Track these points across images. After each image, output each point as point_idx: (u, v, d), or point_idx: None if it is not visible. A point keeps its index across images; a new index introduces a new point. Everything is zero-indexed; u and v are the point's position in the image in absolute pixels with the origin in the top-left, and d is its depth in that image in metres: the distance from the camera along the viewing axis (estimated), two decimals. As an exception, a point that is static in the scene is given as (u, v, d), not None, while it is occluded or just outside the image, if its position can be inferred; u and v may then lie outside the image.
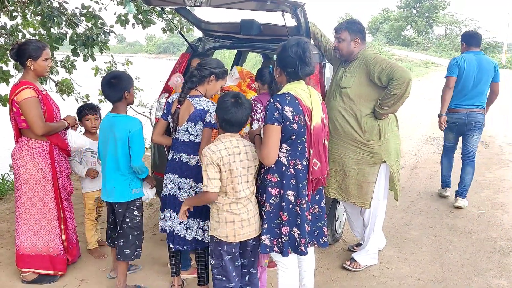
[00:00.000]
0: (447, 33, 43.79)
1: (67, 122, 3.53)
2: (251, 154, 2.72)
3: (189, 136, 3.03)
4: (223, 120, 2.66)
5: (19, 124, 3.34)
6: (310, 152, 2.72)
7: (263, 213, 2.77)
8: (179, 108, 3.03)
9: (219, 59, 3.25)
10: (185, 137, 3.04)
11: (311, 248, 2.95)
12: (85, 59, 5.87)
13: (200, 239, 3.09)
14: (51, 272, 3.48)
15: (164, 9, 5.23)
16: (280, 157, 2.71)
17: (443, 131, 5.49)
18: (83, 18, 5.83)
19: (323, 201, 2.95)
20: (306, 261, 3.03)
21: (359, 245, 4.09)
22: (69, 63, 5.88)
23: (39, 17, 5.80)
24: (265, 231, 2.75)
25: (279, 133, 2.65)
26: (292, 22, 3.72)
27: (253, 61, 19.55)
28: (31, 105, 3.22)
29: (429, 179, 6.51)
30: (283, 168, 2.71)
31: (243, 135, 3.69)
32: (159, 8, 5.82)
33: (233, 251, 2.75)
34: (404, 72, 3.29)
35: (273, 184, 2.73)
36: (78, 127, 3.88)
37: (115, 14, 6.24)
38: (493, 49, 33.90)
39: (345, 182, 3.59)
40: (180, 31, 5.59)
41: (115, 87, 3.12)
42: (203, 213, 3.03)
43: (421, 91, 15.71)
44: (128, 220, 3.25)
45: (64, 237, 3.54)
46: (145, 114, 8.03)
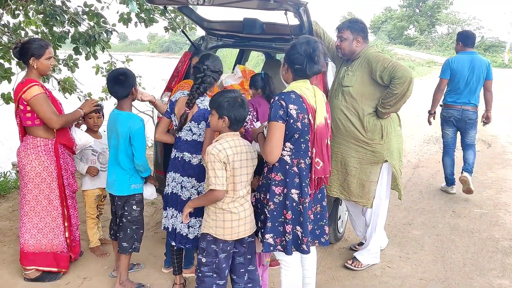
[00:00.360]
0: (449, 32, 43.68)
1: (82, 110, 3.51)
2: (250, 154, 2.73)
3: (192, 136, 3.04)
4: (234, 120, 2.65)
5: (24, 122, 3.35)
6: (313, 151, 2.72)
7: (266, 212, 2.77)
8: (188, 111, 3.00)
9: (218, 58, 3.23)
10: (188, 136, 3.05)
11: (313, 247, 2.95)
12: (87, 58, 5.88)
13: None
14: (55, 269, 3.49)
15: (166, 7, 5.23)
16: (284, 156, 2.72)
17: (441, 129, 5.79)
18: (85, 16, 5.84)
19: (325, 200, 2.95)
20: (308, 259, 3.03)
21: (361, 244, 4.09)
22: (72, 61, 5.89)
23: (42, 15, 5.81)
24: (269, 229, 2.75)
25: (283, 130, 2.65)
26: (294, 21, 3.71)
27: (256, 60, 19.56)
28: (41, 101, 3.24)
29: (431, 178, 6.50)
30: (287, 167, 2.72)
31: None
32: (161, 7, 5.83)
33: (228, 248, 2.74)
34: (406, 71, 3.29)
35: (276, 182, 2.74)
36: (81, 124, 3.90)
37: (118, 12, 6.25)
38: (496, 48, 33.82)
39: (347, 181, 3.59)
40: (182, 29, 5.59)
41: (123, 84, 3.16)
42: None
43: (423, 91, 15.63)
44: (127, 214, 3.29)
45: (67, 235, 3.56)
46: (147, 112, 8.03)
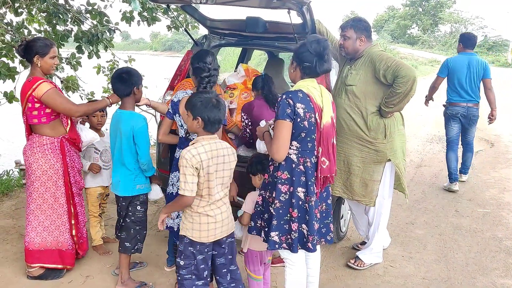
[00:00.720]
0: (452, 31, 43.52)
1: (109, 100, 3.45)
2: (228, 157, 2.66)
3: (193, 135, 3.02)
4: (208, 121, 2.56)
5: (30, 120, 3.36)
6: (319, 150, 2.72)
7: (271, 210, 2.77)
8: None
9: (218, 56, 3.24)
10: (193, 135, 3.04)
11: (318, 245, 2.95)
12: (90, 57, 5.88)
13: None
14: (60, 266, 3.50)
15: (169, 6, 5.23)
16: (290, 154, 2.72)
17: (445, 127, 6.05)
18: (88, 15, 5.84)
19: (330, 198, 2.96)
20: (312, 258, 3.03)
21: (363, 243, 4.08)
22: (74, 60, 5.89)
23: (45, 14, 5.81)
24: (274, 227, 2.76)
25: (290, 129, 2.66)
26: (297, 20, 3.71)
27: (258, 59, 19.53)
28: (55, 95, 3.26)
29: (434, 177, 6.49)
30: (293, 165, 2.72)
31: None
32: (164, 6, 5.83)
33: (205, 250, 2.69)
34: (409, 70, 3.28)
35: (283, 181, 2.74)
36: (86, 122, 3.91)
37: (120, 11, 6.25)
38: (499, 47, 33.68)
39: (350, 180, 3.58)
40: (185, 28, 5.58)
41: (126, 82, 3.16)
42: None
43: (426, 90, 15.63)
44: (131, 214, 3.30)
45: (74, 232, 3.57)
46: (149, 111, 8.02)
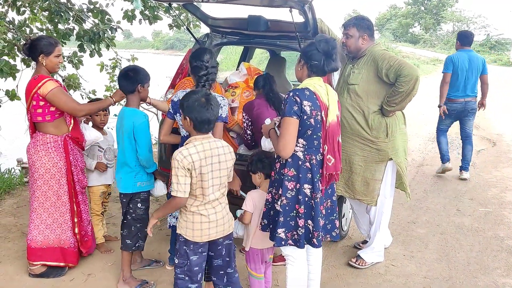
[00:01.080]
0: (455, 30, 43.37)
1: (113, 99, 3.48)
2: (224, 156, 2.63)
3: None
4: (197, 121, 2.55)
5: (34, 118, 3.37)
6: (325, 148, 2.75)
7: (278, 207, 2.79)
8: None
9: (220, 55, 3.23)
10: None
11: (322, 241, 2.95)
12: (91, 55, 5.88)
13: None
14: (62, 264, 3.51)
15: (171, 5, 5.23)
16: (297, 152, 2.74)
17: (439, 119, 6.37)
18: (90, 13, 5.84)
19: (335, 195, 2.98)
20: (314, 255, 3.04)
21: (365, 242, 4.08)
22: (76, 58, 5.89)
23: (47, 12, 5.81)
24: (281, 224, 2.77)
25: (296, 126, 2.68)
26: (299, 19, 3.70)
27: (260, 57, 19.52)
28: (59, 94, 3.28)
29: (435, 177, 6.48)
30: (300, 162, 2.75)
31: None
32: (166, 4, 5.83)
33: (200, 250, 2.67)
34: (412, 69, 3.28)
35: (289, 178, 2.76)
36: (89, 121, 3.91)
37: (122, 9, 6.24)
38: (501, 46, 33.59)
39: (351, 179, 3.58)
40: (187, 27, 5.58)
41: (130, 79, 3.19)
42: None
43: (428, 89, 15.62)
44: (132, 211, 3.32)
45: (77, 230, 3.57)
46: (151, 110, 8.02)
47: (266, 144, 3.23)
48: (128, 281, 3.36)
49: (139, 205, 3.31)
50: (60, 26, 5.81)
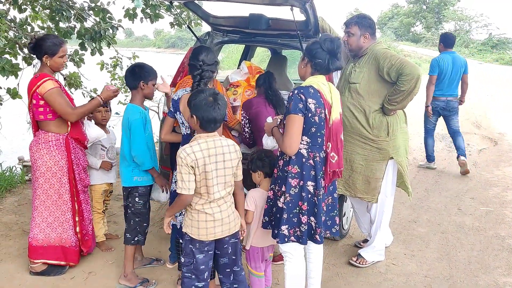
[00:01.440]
0: (456, 29, 43.30)
1: (101, 97, 3.45)
2: (229, 155, 2.62)
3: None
4: (203, 120, 2.56)
5: (36, 117, 3.37)
6: (329, 145, 2.77)
7: (281, 204, 2.80)
8: None
9: (221, 53, 3.21)
10: (195, 133, 3.03)
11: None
12: (92, 54, 5.87)
13: None
14: (63, 263, 3.52)
15: (172, 3, 5.22)
16: (301, 149, 2.76)
17: (425, 117, 6.67)
18: (91, 12, 5.83)
19: (336, 192, 2.99)
20: (314, 252, 3.04)
21: (365, 241, 4.08)
22: (77, 57, 5.89)
23: (48, 10, 5.81)
24: (285, 221, 2.79)
25: (301, 123, 2.70)
26: (301, 17, 3.70)
27: (262, 55, 19.49)
28: (56, 95, 3.27)
29: (436, 176, 6.47)
30: (303, 160, 2.76)
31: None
32: (167, 2, 5.81)
33: (205, 249, 2.67)
34: (413, 68, 3.27)
35: (293, 175, 2.77)
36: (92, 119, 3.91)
37: (123, 8, 6.23)
38: (503, 45, 33.51)
39: (352, 178, 3.58)
40: (188, 25, 5.57)
41: (134, 75, 3.23)
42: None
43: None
44: (131, 206, 3.36)
45: (78, 229, 3.57)
46: (152, 108, 8.03)
47: (268, 142, 3.23)
48: (129, 278, 3.37)
49: (137, 199, 3.35)
50: (61, 25, 5.80)
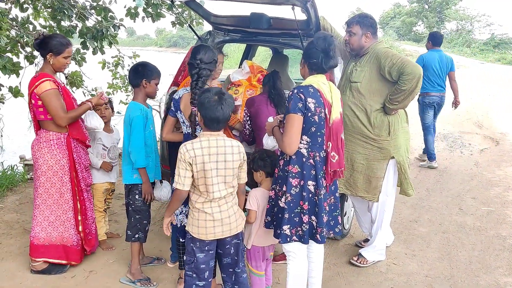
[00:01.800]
0: (458, 28, 43.23)
1: (90, 102, 3.49)
2: (231, 156, 2.60)
3: (200, 130, 3.01)
4: (206, 118, 2.58)
5: (37, 116, 3.38)
6: (329, 145, 2.76)
7: (282, 204, 2.80)
8: (195, 110, 2.93)
9: (209, 47, 3.17)
10: (197, 131, 3.03)
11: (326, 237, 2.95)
12: (94, 52, 5.88)
13: None
14: (64, 262, 3.52)
15: (174, 2, 5.22)
16: (301, 149, 2.76)
17: (421, 114, 6.89)
18: (93, 11, 5.84)
19: (338, 191, 2.99)
20: (315, 252, 3.04)
21: (366, 241, 4.08)
22: (79, 55, 5.89)
23: (50, 9, 5.81)
24: (286, 221, 2.79)
25: (301, 122, 2.70)
26: (302, 16, 3.70)
27: (264, 54, 19.48)
28: (51, 97, 3.26)
29: (438, 175, 6.47)
30: (304, 159, 2.76)
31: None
32: (168, 1, 5.82)
33: (206, 248, 2.68)
34: (415, 67, 3.27)
35: (293, 174, 2.77)
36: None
37: (125, 7, 6.24)
38: (505, 45, 33.41)
39: (353, 177, 3.58)
40: (189, 24, 5.58)
41: (137, 73, 3.27)
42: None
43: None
44: (131, 203, 3.38)
45: (81, 228, 3.58)
46: (154, 107, 8.03)
47: (269, 142, 3.23)
48: (133, 273, 3.41)
49: (137, 196, 3.36)
50: (63, 23, 5.81)
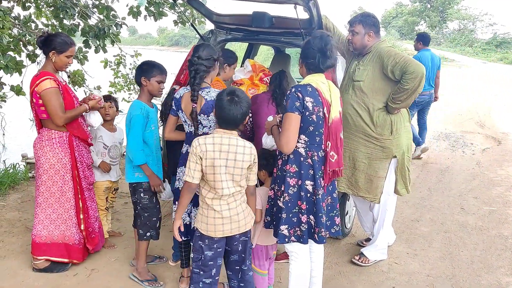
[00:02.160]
0: (460, 27, 43.16)
1: (87, 104, 3.50)
2: (242, 156, 2.60)
3: (202, 129, 3.00)
4: (219, 117, 2.64)
5: (39, 115, 3.38)
6: (328, 144, 2.75)
7: (280, 203, 2.79)
8: (195, 106, 2.94)
9: (209, 45, 3.17)
10: (198, 129, 3.02)
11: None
12: (96, 51, 5.88)
13: None
14: (66, 260, 3.52)
15: (176, 1, 5.23)
16: (298, 148, 2.75)
17: (416, 113, 7.35)
18: (95, 9, 5.84)
19: (336, 191, 2.98)
20: (315, 251, 3.04)
21: (368, 240, 4.08)
22: (81, 54, 5.90)
23: (52, 8, 5.82)
24: (284, 221, 2.78)
25: (298, 121, 2.69)
26: (304, 15, 3.69)
27: (266, 53, 19.46)
28: (51, 95, 3.26)
29: (440, 175, 6.46)
30: (302, 159, 2.75)
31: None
32: (171, 0, 5.82)
33: (215, 246, 2.68)
34: (417, 66, 3.26)
35: (291, 174, 2.76)
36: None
37: (127, 6, 6.24)
38: (507, 44, 33.34)
39: (355, 176, 3.58)
40: (192, 23, 5.58)
41: (137, 71, 3.29)
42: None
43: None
44: (138, 202, 3.38)
45: (83, 227, 3.58)
46: (159, 107, 8.03)
47: (267, 141, 3.21)
48: (140, 271, 3.42)
49: (142, 194, 3.36)
50: (65, 22, 5.81)
